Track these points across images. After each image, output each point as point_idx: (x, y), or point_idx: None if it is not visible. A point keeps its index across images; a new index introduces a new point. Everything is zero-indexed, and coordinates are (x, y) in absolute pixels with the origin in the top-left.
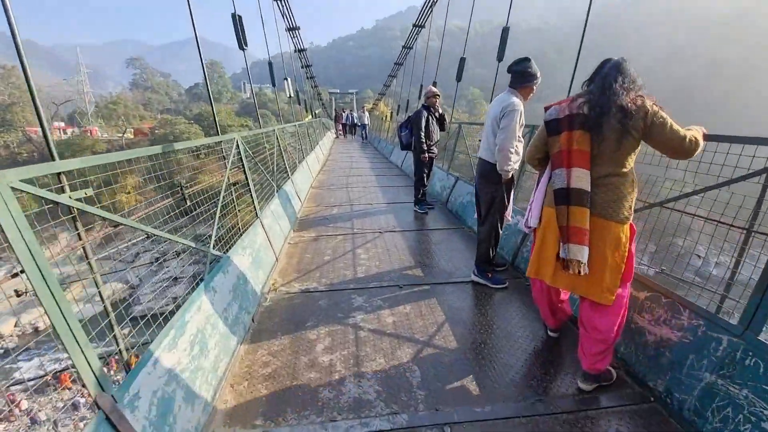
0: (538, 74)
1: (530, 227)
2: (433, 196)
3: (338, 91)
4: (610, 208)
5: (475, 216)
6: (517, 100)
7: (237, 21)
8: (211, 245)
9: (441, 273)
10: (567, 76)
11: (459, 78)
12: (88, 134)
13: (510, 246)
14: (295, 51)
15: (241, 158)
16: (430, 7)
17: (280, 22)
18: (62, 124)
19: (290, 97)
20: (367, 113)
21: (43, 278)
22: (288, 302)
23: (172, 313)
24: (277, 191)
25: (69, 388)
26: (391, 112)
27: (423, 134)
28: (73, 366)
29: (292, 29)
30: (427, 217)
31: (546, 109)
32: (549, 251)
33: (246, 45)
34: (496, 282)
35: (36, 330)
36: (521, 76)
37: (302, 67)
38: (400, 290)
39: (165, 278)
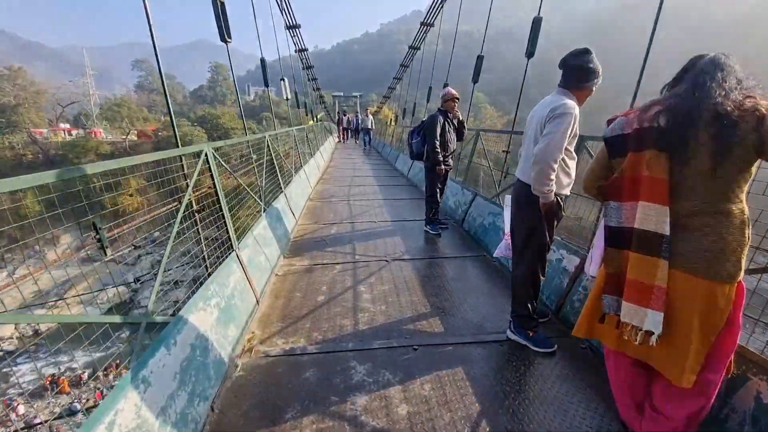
0: (600, 71)
1: (592, 277)
2: (445, 212)
3: (342, 94)
4: (704, 260)
5: (505, 248)
6: (571, 103)
7: (218, 7)
8: (149, 305)
9: (465, 325)
10: None
11: (476, 80)
12: (93, 136)
13: (553, 288)
14: (296, 51)
15: (212, 176)
16: (441, 3)
17: (279, 21)
18: (67, 126)
19: (287, 99)
20: (371, 117)
21: None
22: (265, 373)
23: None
24: (264, 211)
25: (67, 393)
26: (396, 116)
27: (438, 143)
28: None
29: (292, 27)
30: (440, 241)
31: (609, 122)
32: None
33: (229, 38)
34: (541, 344)
35: (36, 333)
36: (579, 73)
37: (303, 69)
38: (414, 353)
39: (165, 282)
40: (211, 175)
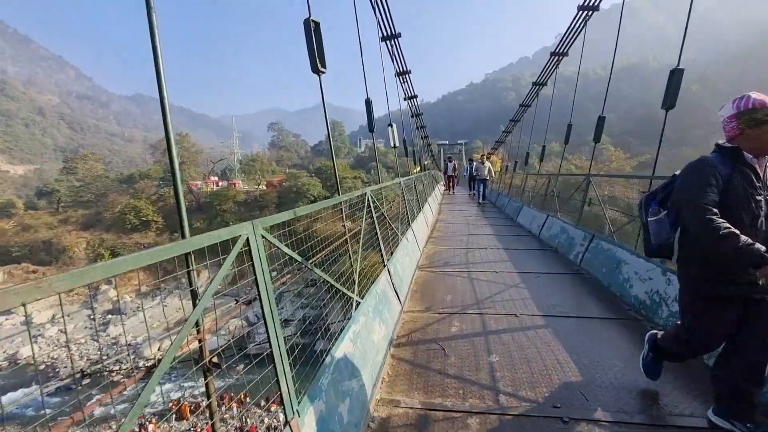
0: None
1: None
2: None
3: (447, 142)
4: None
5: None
6: None
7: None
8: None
9: None
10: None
11: (597, 140)
12: (233, 186)
13: None
14: (405, 98)
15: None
16: (556, 64)
17: (388, 71)
18: (216, 178)
19: (395, 147)
20: (487, 164)
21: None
22: None
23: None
24: (357, 307)
25: (186, 419)
26: (506, 166)
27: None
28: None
29: (402, 74)
30: None
31: None
32: None
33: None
34: None
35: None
36: None
37: (412, 116)
38: None
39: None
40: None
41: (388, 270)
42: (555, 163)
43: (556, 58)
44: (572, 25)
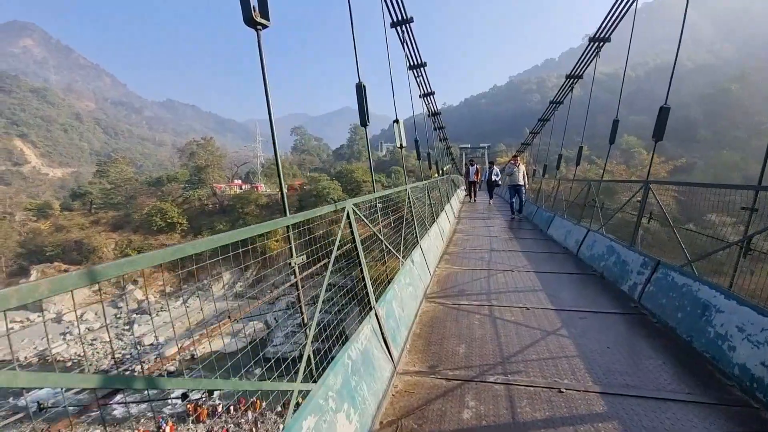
0: None
1: None
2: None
3: (469, 145)
4: None
5: None
6: None
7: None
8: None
9: None
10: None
11: (612, 140)
12: (256, 189)
13: None
14: (429, 115)
15: None
16: (596, 52)
17: (414, 87)
18: (239, 182)
19: (401, 147)
20: (522, 167)
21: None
22: None
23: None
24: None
25: (203, 422)
26: (534, 170)
27: None
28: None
29: (416, 67)
30: None
31: None
32: None
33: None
34: None
35: (192, 357)
36: None
37: (435, 129)
38: None
39: (293, 324)
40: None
41: (376, 314)
42: (583, 167)
43: (597, 44)
44: (585, 54)
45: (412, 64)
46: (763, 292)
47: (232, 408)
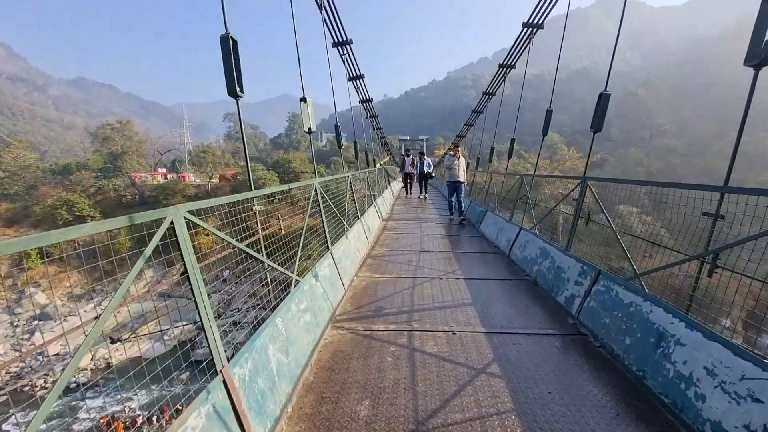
0: None
1: None
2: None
3: (408, 137)
4: None
5: None
6: None
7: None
8: None
9: None
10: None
11: (545, 132)
12: (182, 179)
13: None
14: (360, 102)
15: None
16: (503, 77)
17: (342, 73)
18: (164, 170)
19: (310, 131)
20: (462, 160)
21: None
22: None
23: None
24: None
25: None
26: (468, 164)
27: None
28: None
29: (355, 78)
30: None
31: None
32: None
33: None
34: None
35: (108, 365)
36: None
37: (367, 118)
38: None
39: (227, 323)
40: None
41: (225, 382)
42: (512, 161)
43: (504, 70)
44: (518, 41)
45: (351, 76)
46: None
47: (155, 418)
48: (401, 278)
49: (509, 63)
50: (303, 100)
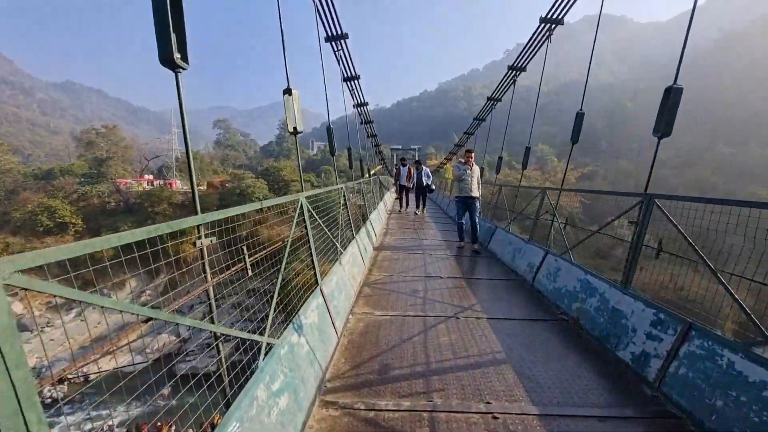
0: None
1: None
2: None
3: (400, 146)
4: None
5: None
6: None
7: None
8: None
9: None
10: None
11: (576, 139)
12: (169, 186)
13: None
14: (354, 106)
15: None
16: (513, 79)
17: (337, 77)
18: (150, 177)
19: (295, 132)
20: (476, 170)
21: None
22: None
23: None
24: None
25: None
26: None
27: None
28: None
29: (350, 79)
30: None
31: None
32: None
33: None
34: None
35: (86, 379)
36: None
37: (361, 123)
38: None
39: (208, 335)
40: None
41: None
42: (504, 173)
43: (514, 72)
44: (533, 39)
45: (346, 76)
46: None
47: None
48: (408, 316)
49: (520, 65)
50: (288, 92)
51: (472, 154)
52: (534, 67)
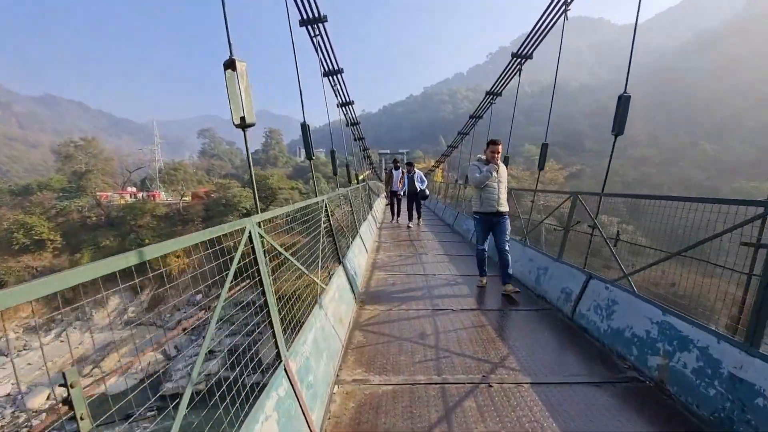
0: None
1: None
2: None
3: (388, 151)
4: None
5: None
6: None
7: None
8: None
9: None
10: (633, 125)
11: (620, 131)
12: (152, 198)
13: None
14: (347, 125)
15: None
16: (519, 68)
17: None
18: (133, 189)
19: (243, 125)
20: (503, 169)
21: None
22: None
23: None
24: None
25: None
26: (457, 179)
27: None
28: None
29: (344, 105)
30: None
31: None
32: None
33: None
34: None
35: (66, 402)
36: None
37: (355, 140)
38: None
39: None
40: None
41: None
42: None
43: (519, 60)
44: (540, 24)
45: (341, 102)
46: None
47: None
48: (419, 385)
49: (496, 90)
50: (230, 66)
51: (499, 147)
52: (528, 66)
